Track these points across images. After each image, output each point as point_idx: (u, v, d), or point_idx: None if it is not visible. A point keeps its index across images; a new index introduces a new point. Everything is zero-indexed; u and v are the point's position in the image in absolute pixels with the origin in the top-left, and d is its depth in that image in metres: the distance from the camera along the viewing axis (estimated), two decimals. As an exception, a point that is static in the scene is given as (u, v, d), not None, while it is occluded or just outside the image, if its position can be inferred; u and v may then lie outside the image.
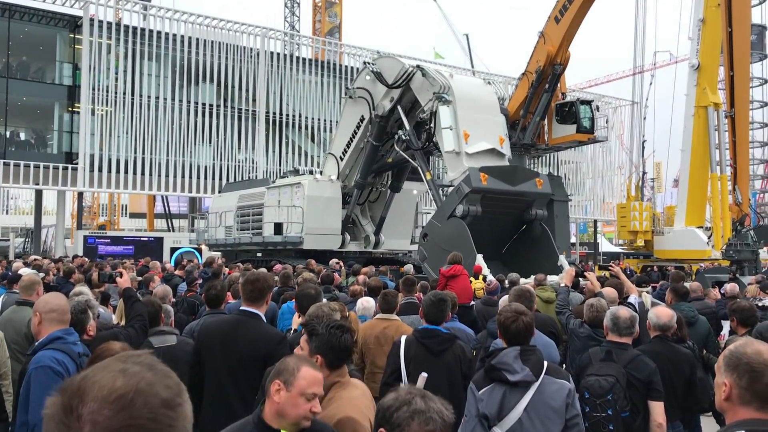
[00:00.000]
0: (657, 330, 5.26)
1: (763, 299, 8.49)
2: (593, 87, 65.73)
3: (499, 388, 3.69)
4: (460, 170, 14.83)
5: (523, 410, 3.63)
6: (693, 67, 25.96)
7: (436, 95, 15.61)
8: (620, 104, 49.37)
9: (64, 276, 11.24)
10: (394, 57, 17.90)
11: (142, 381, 1.10)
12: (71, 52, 33.18)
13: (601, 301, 6.16)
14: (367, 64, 18.10)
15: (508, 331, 3.87)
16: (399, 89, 17.05)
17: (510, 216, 15.81)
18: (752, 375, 2.21)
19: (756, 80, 68.32)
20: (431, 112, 15.87)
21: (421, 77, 16.41)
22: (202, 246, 26.88)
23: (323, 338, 3.09)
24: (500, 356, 3.73)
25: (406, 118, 17.12)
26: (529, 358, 3.72)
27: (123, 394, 1.07)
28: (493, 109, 17.08)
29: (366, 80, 17.96)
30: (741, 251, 20.82)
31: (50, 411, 1.08)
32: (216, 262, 13.82)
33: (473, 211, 14.47)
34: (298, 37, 43.75)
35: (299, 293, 5.52)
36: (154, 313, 5.05)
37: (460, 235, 14.04)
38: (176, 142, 34.17)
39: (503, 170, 15.45)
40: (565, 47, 26.69)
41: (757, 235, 22.76)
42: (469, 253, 13.20)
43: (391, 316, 5.91)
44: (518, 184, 15.29)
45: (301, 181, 19.02)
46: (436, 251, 14.20)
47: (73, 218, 45.61)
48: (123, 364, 1.12)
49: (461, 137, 15.23)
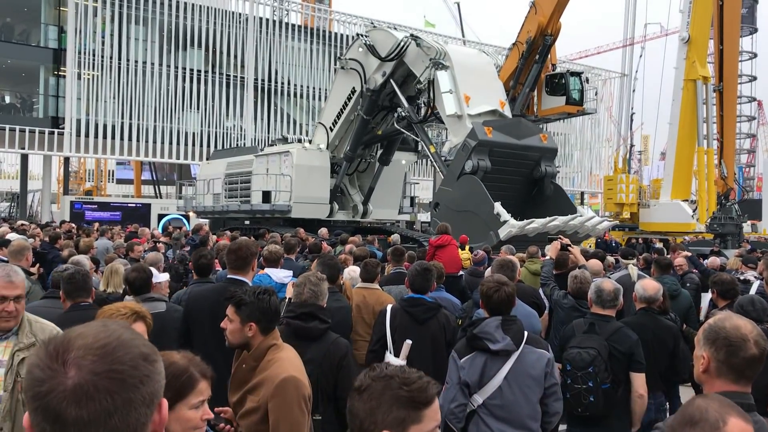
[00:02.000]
0: (643, 302, 5.36)
1: (745, 273, 8.63)
2: (583, 59, 65.48)
3: (481, 357, 3.77)
4: (464, 133, 14.41)
5: (504, 378, 3.73)
6: (683, 40, 25.92)
7: (433, 61, 15.40)
8: (610, 76, 49.28)
9: (50, 242, 11.21)
10: (388, 30, 17.60)
11: (123, 335, 1.19)
12: (56, 14, 32.61)
13: (585, 273, 6.25)
14: (359, 36, 17.88)
15: (491, 300, 3.93)
16: (392, 63, 16.79)
17: (520, 174, 15.24)
18: (729, 349, 2.27)
19: (745, 54, 68.36)
20: (428, 81, 15.63)
21: (415, 47, 16.17)
22: (190, 213, 26.81)
23: (253, 305, 3.12)
24: (482, 325, 3.80)
25: (401, 92, 16.91)
26: (510, 327, 3.81)
27: (106, 344, 1.16)
28: (491, 75, 16.91)
29: (358, 52, 17.73)
30: (725, 224, 21.06)
31: (35, 359, 1.16)
32: (203, 230, 13.82)
33: (483, 165, 14.03)
34: (288, 3, 43.16)
35: (321, 262, 5.59)
36: (145, 279, 5.08)
37: (474, 189, 13.65)
38: (164, 108, 33.85)
39: (507, 123, 15.19)
40: (556, 18, 26.53)
41: (742, 208, 23.02)
42: (487, 205, 12.99)
43: (371, 285, 5.96)
44: (523, 139, 14.88)
45: (290, 149, 18.94)
46: (451, 216, 13.57)
47: (60, 183, 45.26)
48: (103, 324, 1.22)
49: (462, 100, 14.94)
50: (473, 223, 13.24)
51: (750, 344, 2.26)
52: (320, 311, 3.99)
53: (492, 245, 12.34)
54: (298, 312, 3.92)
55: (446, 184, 14.75)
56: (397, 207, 21.56)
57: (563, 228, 13.05)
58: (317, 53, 38.90)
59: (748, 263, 9.25)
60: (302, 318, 3.90)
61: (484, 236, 12.91)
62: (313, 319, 3.91)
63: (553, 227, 12.83)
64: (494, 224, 12.93)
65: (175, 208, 29.86)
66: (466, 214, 13.56)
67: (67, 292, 4.41)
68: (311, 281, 4.11)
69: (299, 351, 3.79)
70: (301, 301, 4.01)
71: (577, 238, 13.61)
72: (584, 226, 13.53)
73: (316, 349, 3.83)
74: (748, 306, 4.94)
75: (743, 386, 2.29)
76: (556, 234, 12.55)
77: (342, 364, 3.87)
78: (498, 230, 12.77)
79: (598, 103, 39.93)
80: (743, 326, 2.31)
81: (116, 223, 26.34)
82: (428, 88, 15.66)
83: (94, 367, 1.13)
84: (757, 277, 8.01)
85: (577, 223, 13.19)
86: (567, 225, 13.01)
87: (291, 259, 8.42)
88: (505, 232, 12.64)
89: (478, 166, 13.97)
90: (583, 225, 13.42)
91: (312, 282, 4.10)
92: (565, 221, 12.96)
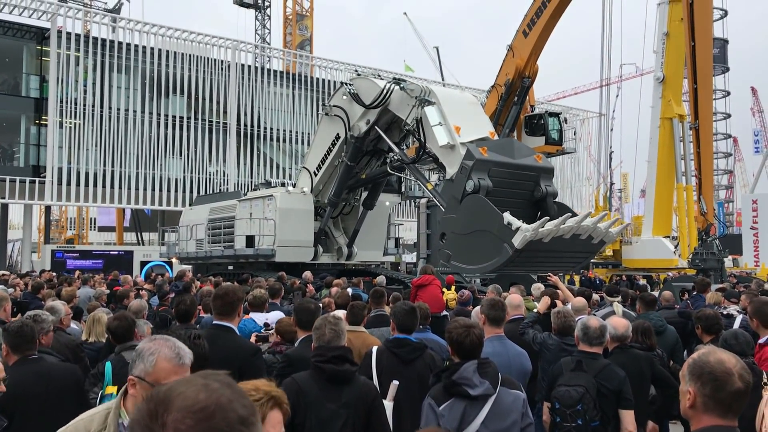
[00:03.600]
0: (615, 341, 5.40)
1: (728, 307, 8.68)
2: (561, 99, 66.71)
3: (460, 403, 3.72)
4: (459, 161, 13.95)
5: (481, 423, 3.70)
6: (658, 79, 26.49)
7: (419, 99, 15.43)
8: (588, 116, 50.12)
9: (32, 291, 11.06)
10: (371, 79, 17.69)
11: (223, 397, 1.19)
12: (38, 64, 32.76)
13: (567, 308, 6.26)
14: (343, 85, 18.05)
15: (462, 346, 3.88)
16: (376, 110, 16.83)
17: (521, 196, 14.63)
18: (715, 384, 2.28)
19: (719, 92, 69.87)
20: (416, 120, 15.55)
21: (399, 91, 16.20)
22: (173, 259, 26.61)
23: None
24: (460, 371, 3.75)
25: (388, 137, 16.91)
26: (487, 371, 3.78)
27: (205, 407, 1.16)
28: (477, 109, 16.91)
29: (342, 100, 17.83)
30: (707, 260, 21.20)
31: (137, 416, 1.18)
32: (186, 276, 13.72)
33: (484, 185, 13.40)
34: (269, 50, 43.74)
35: (298, 307, 5.48)
36: (127, 327, 5.02)
37: (480, 206, 12.99)
38: (146, 155, 33.86)
39: (500, 143, 14.95)
40: (534, 60, 27.06)
41: (723, 244, 23.24)
42: (496, 218, 12.37)
43: (358, 328, 5.89)
44: (519, 158, 14.46)
45: (273, 193, 18.97)
46: (459, 242, 13.27)
47: (41, 232, 44.83)
48: (205, 380, 1.22)
49: (453, 131, 14.67)
50: (485, 241, 12.68)
51: (735, 378, 2.27)
52: (349, 353, 3.95)
53: (508, 258, 11.92)
54: (329, 356, 3.83)
55: (449, 212, 14.08)
56: (382, 248, 21.55)
57: (577, 231, 12.47)
58: (299, 98, 39.27)
59: (731, 298, 9.32)
60: (334, 361, 3.82)
61: (498, 251, 12.35)
62: (344, 362, 3.86)
63: (567, 228, 12.18)
64: (507, 235, 12.19)
65: (158, 254, 29.63)
66: (475, 235, 12.93)
67: (14, 345, 4.21)
68: (330, 322, 4.07)
69: (333, 395, 3.75)
70: (325, 343, 3.94)
71: (591, 245, 13.15)
72: (597, 229, 12.80)
73: (350, 392, 3.78)
74: (732, 340, 4.98)
75: (730, 420, 2.29)
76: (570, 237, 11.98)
77: (374, 405, 3.85)
78: (511, 240, 12.04)
79: (577, 142, 40.53)
80: (727, 360, 2.32)
81: (98, 271, 26.06)
82: (417, 127, 15.57)
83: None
84: (739, 312, 8.07)
85: (590, 224, 12.57)
86: (581, 227, 12.45)
87: (276, 303, 8.38)
88: (519, 239, 11.91)
89: (479, 185, 13.37)
90: (596, 228, 12.75)
91: (331, 323, 4.07)
92: (579, 221, 12.43)
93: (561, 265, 13.75)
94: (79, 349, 5.94)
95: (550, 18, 25.67)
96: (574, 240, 12.38)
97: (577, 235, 12.53)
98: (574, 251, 13.14)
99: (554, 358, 5.75)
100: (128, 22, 35.24)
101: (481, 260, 12.76)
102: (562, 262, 13.62)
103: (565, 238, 12.33)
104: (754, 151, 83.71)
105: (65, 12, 32.69)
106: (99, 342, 6.26)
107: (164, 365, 2.51)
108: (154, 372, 2.49)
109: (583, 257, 13.83)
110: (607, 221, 13.41)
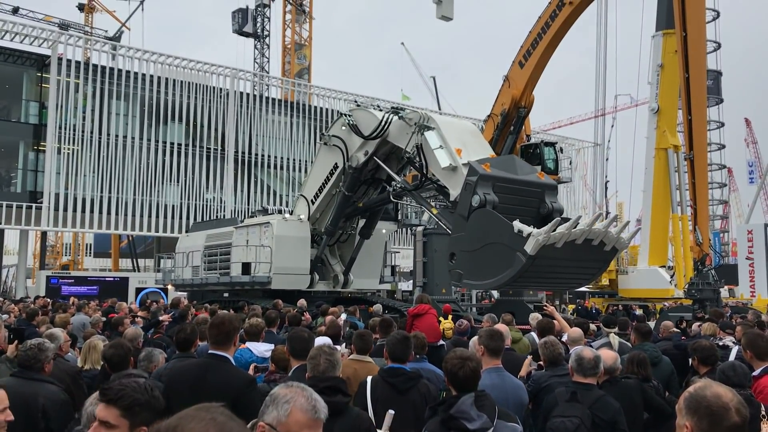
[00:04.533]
0: (605, 374, 5.34)
1: (723, 338, 8.69)
2: (557, 129, 67.22)
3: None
4: (461, 182, 13.59)
5: None
6: (653, 110, 26.78)
7: (418, 125, 15.41)
8: (583, 146, 50.46)
9: (27, 318, 11.02)
10: (370, 111, 17.73)
11: (230, 429, 1.25)
12: (38, 90, 32.98)
13: (551, 337, 6.26)
14: (342, 115, 18.10)
15: (457, 377, 3.88)
16: (375, 141, 16.82)
17: (528, 213, 14.01)
18: (712, 418, 2.27)
19: (713, 123, 70.47)
20: (416, 146, 15.48)
21: (397, 121, 16.19)
22: (168, 286, 26.53)
23: (149, 407, 2.54)
24: (458, 405, 3.72)
25: (387, 167, 16.91)
26: (484, 404, 3.75)
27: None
28: (476, 133, 16.76)
29: (341, 130, 17.84)
30: (703, 290, 21.20)
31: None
32: (182, 303, 13.68)
33: (490, 199, 12.88)
34: (268, 78, 44.08)
35: (292, 336, 5.41)
36: (123, 355, 5.01)
37: (488, 219, 12.52)
38: (144, 182, 33.93)
39: (502, 160, 14.63)
40: (530, 91, 27.30)
41: (718, 274, 23.26)
42: (506, 228, 11.96)
43: (364, 357, 5.80)
44: (521, 175, 14.02)
45: (270, 220, 18.97)
46: (470, 260, 12.76)
47: (36, 258, 44.70)
48: (209, 414, 1.27)
49: (454, 153, 14.39)
50: (496, 254, 12.22)
51: (732, 413, 2.27)
52: (342, 384, 3.93)
53: (522, 267, 11.50)
54: (321, 386, 3.77)
55: (457, 231, 13.55)
56: (378, 276, 21.50)
57: (589, 235, 12.09)
58: (297, 126, 39.50)
59: (726, 329, 9.33)
60: (326, 392, 3.75)
61: (511, 261, 11.84)
62: (337, 393, 3.82)
63: (579, 232, 11.83)
64: (519, 244, 11.68)
65: (153, 281, 29.54)
66: (486, 249, 12.45)
67: None
68: (326, 352, 4.06)
69: (325, 427, 3.72)
70: (319, 373, 3.93)
71: (604, 253, 12.70)
72: (609, 235, 12.30)
73: (342, 425, 3.74)
74: (730, 371, 4.99)
75: (727, 454, 2.29)
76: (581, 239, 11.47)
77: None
78: (524, 248, 11.51)
79: (573, 172, 40.77)
80: (724, 394, 2.32)
81: (93, 297, 25.95)
82: (418, 153, 15.49)
83: None
84: (735, 343, 8.07)
85: (601, 227, 12.16)
86: (592, 231, 12.06)
87: (272, 332, 8.36)
88: (531, 244, 11.38)
89: (485, 199, 12.86)
90: (607, 233, 12.30)
91: (327, 353, 4.05)
92: (590, 223, 12.03)
93: (575, 277, 13.25)
94: (78, 376, 5.92)
95: (546, 49, 25.97)
96: (586, 246, 11.91)
97: (589, 241, 12.04)
98: (588, 260, 12.66)
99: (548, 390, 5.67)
100: (128, 49, 35.57)
101: (495, 274, 12.17)
102: (576, 274, 13.14)
103: (577, 244, 11.85)
104: (749, 181, 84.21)
105: (66, 39, 33.01)
106: (94, 369, 6.24)
107: (299, 417, 2.40)
108: (288, 422, 2.38)
109: (596, 268, 13.29)
110: (617, 226, 12.88)
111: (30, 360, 4.67)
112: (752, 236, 39.25)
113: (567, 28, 25.05)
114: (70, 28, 43.66)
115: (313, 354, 4.10)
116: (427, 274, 22.94)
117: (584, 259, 12.44)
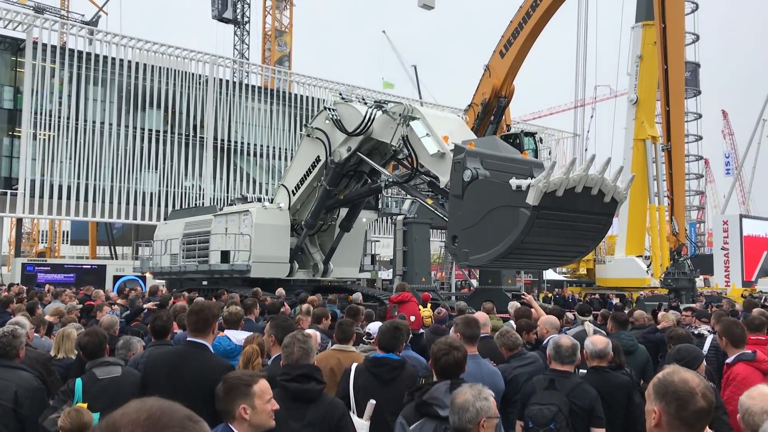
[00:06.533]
0: (594, 357, 5.36)
1: (699, 327, 8.81)
2: (537, 119, 67.49)
3: (430, 423, 3.69)
4: (450, 167, 13.33)
5: None
6: (632, 101, 26.98)
7: (402, 116, 15.27)
8: (563, 136, 50.72)
9: (1, 305, 10.88)
10: (354, 106, 17.51)
11: (163, 403, 1.25)
12: (12, 75, 32.43)
13: (507, 328, 6.32)
14: (327, 109, 17.86)
15: (439, 363, 3.95)
16: (358, 138, 16.66)
17: None
18: (679, 402, 2.33)
19: (691, 115, 71.19)
20: (402, 137, 15.35)
21: (381, 115, 16.06)
22: (146, 274, 26.33)
23: None
24: (431, 391, 3.75)
25: (372, 161, 16.78)
26: None
27: (150, 414, 1.21)
28: (460, 123, 16.81)
29: (325, 123, 17.66)
30: (678, 279, 21.50)
31: None
32: (160, 291, 13.58)
33: (482, 173, 12.52)
34: (248, 65, 43.73)
35: (276, 324, 5.40)
36: (98, 343, 4.95)
37: (484, 187, 12.21)
38: (121, 168, 33.58)
39: (485, 140, 14.63)
40: (510, 81, 27.38)
41: (694, 264, 23.58)
42: (504, 189, 11.65)
43: (347, 347, 5.72)
44: (506, 153, 13.75)
45: (249, 208, 18.85)
46: (474, 235, 12.31)
47: (11, 245, 44.10)
48: (140, 402, 1.26)
49: (441, 141, 14.27)
50: (500, 219, 11.85)
51: (698, 397, 2.33)
52: (315, 371, 3.93)
53: (528, 222, 11.18)
54: (294, 374, 3.82)
55: (454, 212, 13.18)
56: (358, 265, 21.49)
57: (587, 182, 11.71)
58: (277, 114, 39.26)
59: (701, 318, 9.45)
60: (299, 380, 3.81)
61: (516, 221, 11.45)
62: (310, 380, 3.84)
63: (577, 177, 11.46)
64: (519, 200, 11.35)
65: (131, 269, 29.30)
66: (488, 218, 12.12)
67: None
68: (299, 339, 4.05)
69: (297, 414, 3.72)
70: (293, 362, 3.93)
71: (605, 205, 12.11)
72: (606, 183, 11.53)
73: (315, 411, 3.76)
74: (684, 353, 5.11)
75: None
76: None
77: (340, 425, 3.83)
78: (525, 201, 11.15)
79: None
80: (691, 379, 2.38)
81: (70, 285, 25.69)
82: (405, 144, 15.35)
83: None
84: (710, 331, 8.18)
85: (596, 173, 11.84)
86: (589, 177, 11.63)
87: (251, 320, 8.33)
88: (533, 195, 10.99)
89: (477, 174, 12.54)
90: (604, 180, 11.71)
91: (300, 340, 4.04)
92: (585, 168, 11.68)
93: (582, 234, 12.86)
94: (50, 363, 5.85)
95: (527, 39, 26.03)
96: (586, 196, 11.64)
97: (588, 189, 11.72)
98: (591, 213, 12.27)
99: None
100: (105, 34, 35.06)
101: (503, 237, 11.67)
102: (582, 231, 12.73)
103: (577, 192, 11.53)
104: (725, 172, 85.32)
105: (41, 23, 32.43)
106: (68, 358, 6.17)
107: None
108: None
109: (602, 222, 12.88)
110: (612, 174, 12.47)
111: (5, 347, 4.60)
112: (727, 227, 39.81)
113: (547, 18, 25.12)
114: (45, 11, 42.88)
115: (287, 342, 4.09)
116: (407, 262, 22.99)
117: (588, 212, 11.99)
